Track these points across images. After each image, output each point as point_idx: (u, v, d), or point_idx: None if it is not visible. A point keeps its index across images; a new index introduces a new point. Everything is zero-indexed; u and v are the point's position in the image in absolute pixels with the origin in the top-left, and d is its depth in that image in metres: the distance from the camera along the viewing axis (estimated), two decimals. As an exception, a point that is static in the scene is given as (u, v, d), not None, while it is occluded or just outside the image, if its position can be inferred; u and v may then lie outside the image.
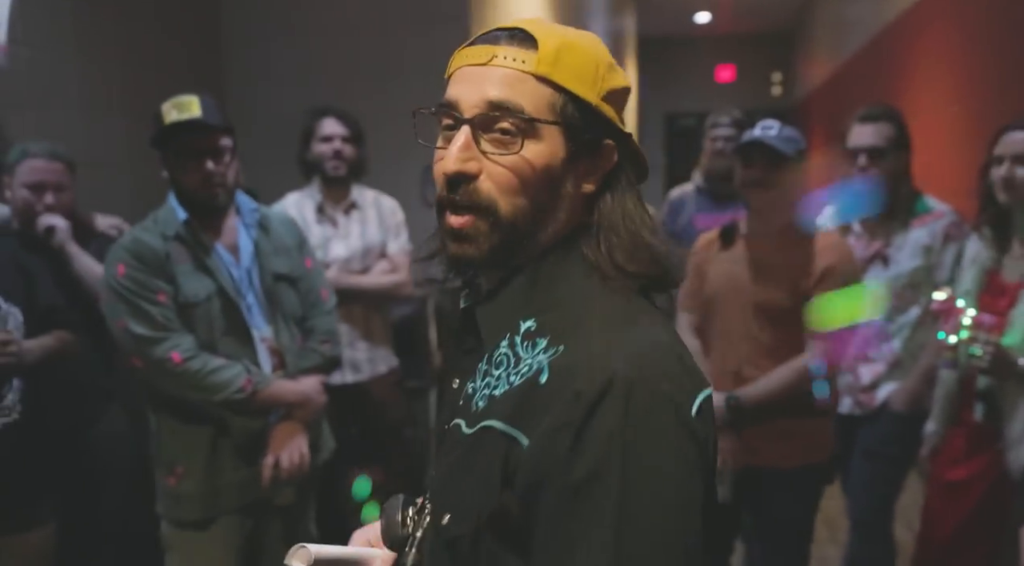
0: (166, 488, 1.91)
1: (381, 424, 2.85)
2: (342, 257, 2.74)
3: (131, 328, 1.80)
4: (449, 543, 0.78)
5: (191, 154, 1.84)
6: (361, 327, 2.77)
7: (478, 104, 0.78)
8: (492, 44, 0.80)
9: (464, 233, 0.79)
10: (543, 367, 0.75)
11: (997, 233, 2.12)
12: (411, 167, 3.66)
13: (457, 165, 0.77)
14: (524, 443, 0.74)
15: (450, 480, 0.81)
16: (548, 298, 0.81)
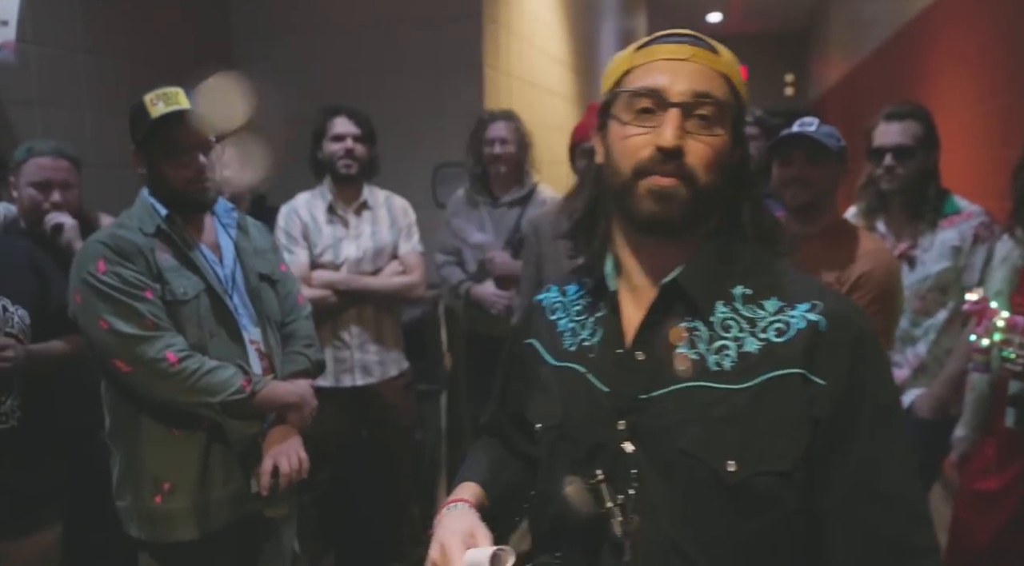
0: (148, 509, 1.75)
1: (391, 427, 2.80)
2: (353, 258, 2.70)
3: (117, 327, 1.65)
4: (733, 487, 0.87)
5: (181, 148, 1.74)
6: (372, 329, 2.72)
7: (684, 92, 0.91)
8: (688, 44, 0.95)
9: (670, 192, 0.90)
10: (817, 319, 0.89)
11: None
12: (422, 167, 3.62)
13: (674, 141, 0.89)
14: (821, 383, 0.87)
15: (721, 431, 0.88)
16: (743, 267, 0.95)
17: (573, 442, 0.98)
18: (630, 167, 0.92)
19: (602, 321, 1.01)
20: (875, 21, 6.24)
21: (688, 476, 0.89)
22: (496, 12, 3.76)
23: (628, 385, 0.94)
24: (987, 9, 3.54)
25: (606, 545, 0.92)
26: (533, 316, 1.12)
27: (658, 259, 0.96)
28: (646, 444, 0.92)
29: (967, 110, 3.69)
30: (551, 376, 1.04)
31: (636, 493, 0.91)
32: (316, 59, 3.70)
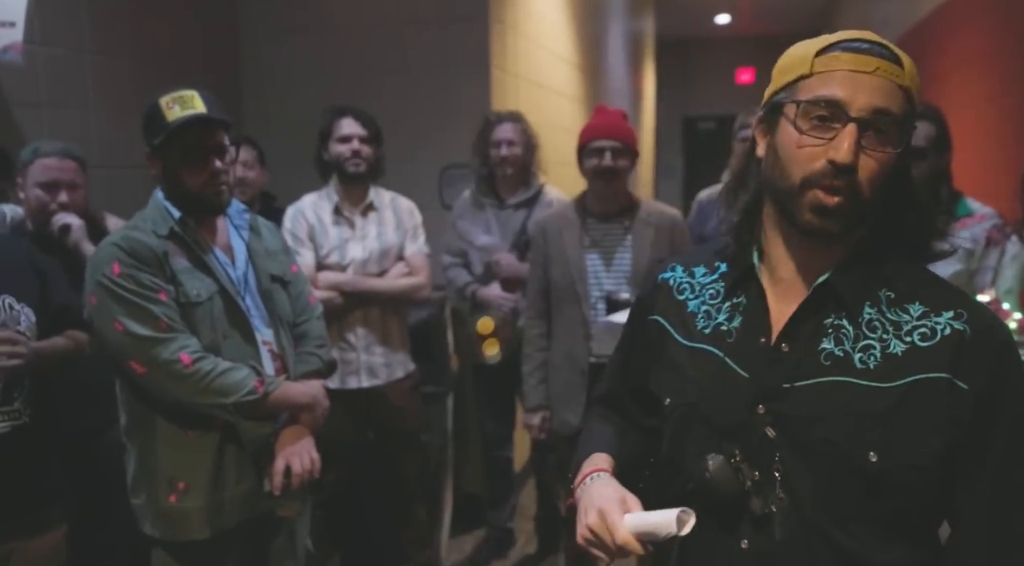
0: (162, 508, 1.78)
1: (397, 429, 2.78)
2: (359, 259, 2.69)
3: (132, 329, 1.67)
4: (871, 476, 0.93)
5: (198, 152, 1.75)
6: (378, 331, 2.71)
7: (865, 108, 0.92)
8: (874, 56, 0.94)
9: (833, 209, 0.94)
10: (963, 328, 0.94)
11: None
12: (428, 168, 3.61)
13: (850, 158, 0.91)
14: (965, 387, 0.93)
15: (866, 425, 0.94)
16: (890, 272, 0.99)
17: (707, 422, 1.03)
18: (800, 176, 0.95)
19: (741, 309, 1.05)
20: (885, 22, 6.20)
21: (829, 463, 0.95)
22: (503, 12, 3.75)
23: (771, 374, 1.00)
24: (998, 9, 3.51)
25: (746, 521, 1.00)
26: (658, 294, 1.16)
27: (809, 258, 1.01)
28: (787, 430, 0.98)
29: (978, 111, 3.66)
30: (683, 355, 1.09)
31: (780, 475, 0.98)
32: (324, 60, 3.69)
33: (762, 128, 1.03)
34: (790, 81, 0.98)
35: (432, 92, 3.60)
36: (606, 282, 2.50)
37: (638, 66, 8.62)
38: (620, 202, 2.54)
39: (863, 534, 0.96)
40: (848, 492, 0.95)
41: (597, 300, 2.48)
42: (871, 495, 0.95)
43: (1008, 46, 3.35)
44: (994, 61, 3.52)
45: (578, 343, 2.49)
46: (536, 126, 3.13)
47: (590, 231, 2.53)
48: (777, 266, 1.03)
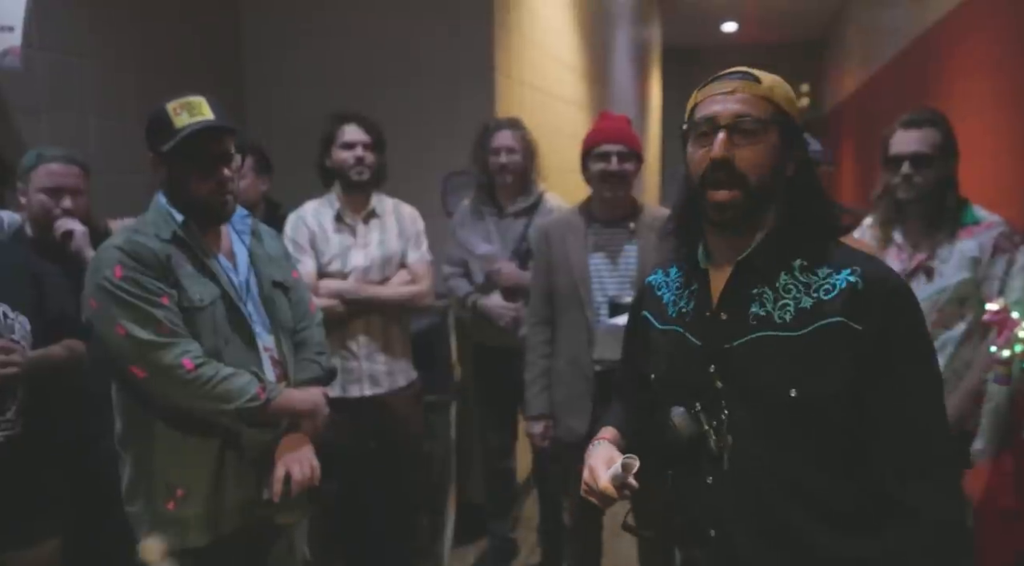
0: (160, 515, 1.76)
1: (399, 438, 2.76)
2: (361, 267, 2.67)
3: (134, 333, 1.66)
4: (794, 408, 1.16)
5: (207, 160, 1.74)
6: (380, 339, 2.69)
7: (728, 116, 1.19)
8: (735, 79, 1.22)
9: (726, 203, 1.18)
10: (855, 281, 1.16)
11: None
12: (432, 175, 3.60)
13: (721, 152, 1.17)
14: (859, 328, 1.14)
15: (785, 367, 1.17)
16: (800, 245, 1.22)
17: (676, 385, 1.29)
18: (696, 179, 1.21)
19: (695, 293, 1.30)
20: (893, 29, 6.18)
21: (761, 403, 1.19)
22: (507, 18, 3.74)
23: (715, 338, 1.24)
24: (1005, 16, 3.49)
25: (706, 459, 1.24)
26: (645, 293, 1.42)
27: (735, 244, 1.24)
28: (731, 381, 1.22)
29: (985, 118, 3.63)
30: (659, 337, 1.35)
31: (727, 418, 1.22)
32: (327, 66, 3.69)
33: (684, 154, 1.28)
34: (688, 114, 1.25)
35: (436, 98, 3.59)
36: (610, 287, 2.48)
37: (645, 74, 8.61)
38: (625, 208, 2.52)
39: (799, 461, 1.18)
40: (779, 425, 1.19)
41: (601, 305, 2.46)
42: (796, 424, 1.17)
43: (1016, 53, 3.32)
44: (1002, 68, 3.49)
45: (582, 349, 2.46)
46: (541, 133, 3.11)
47: (594, 236, 2.52)
48: (714, 254, 1.28)
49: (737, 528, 1.22)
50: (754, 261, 1.22)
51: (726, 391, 1.23)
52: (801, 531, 1.18)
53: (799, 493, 1.18)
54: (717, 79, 1.24)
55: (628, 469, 1.22)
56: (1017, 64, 3.34)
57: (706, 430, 1.24)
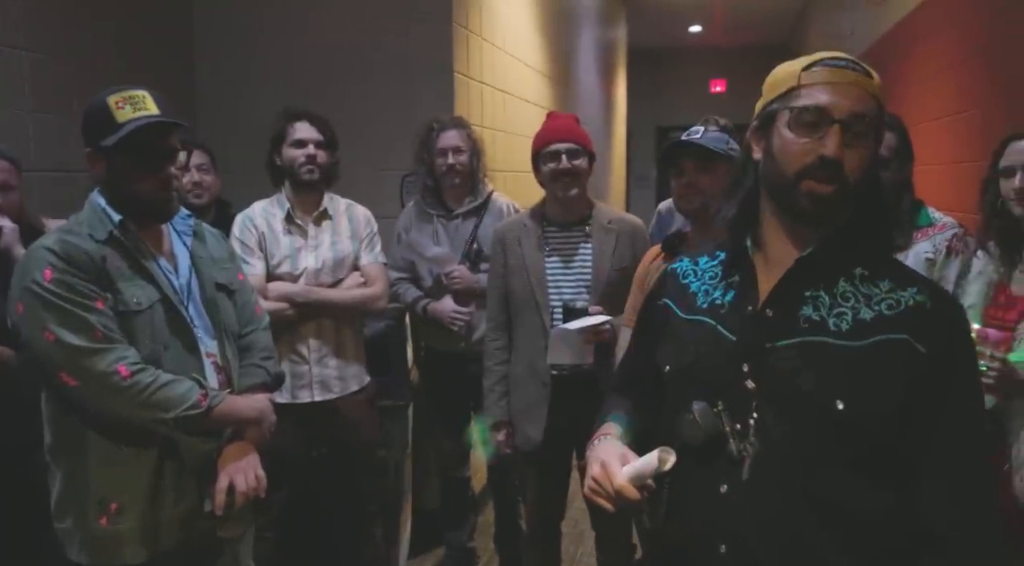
0: (92, 531, 1.67)
1: (351, 444, 2.68)
2: (312, 269, 2.59)
3: (64, 339, 1.57)
4: (838, 422, 1.07)
5: (151, 156, 1.66)
6: (331, 343, 2.62)
7: (845, 112, 1.10)
8: (849, 70, 1.13)
9: (827, 197, 1.10)
10: (924, 300, 1.11)
11: (1006, 246, 2.01)
12: (390, 176, 3.53)
13: (837, 152, 1.09)
14: (922, 350, 1.08)
15: (835, 377, 1.09)
16: (863, 253, 1.16)
17: (700, 381, 1.19)
18: (794, 170, 1.11)
19: (735, 285, 1.22)
20: (852, 35, 6.24)
21: (801, 411, 1.10)
22: (467, 17, 3.69)
23: (756, 335, 1.15)
24: (957, 23, 3.52)
25: (723, 463, 1.13)
26: (667, 281, 1.33)
27: (798, 239, 1.16)
28: (767, 383, 1.13)
29: (940, 122, 3.67)
30: (683, 326, 1.25)
31: (755, 422, 1.12)
32: (281, 63, 3.60)
33: (756, 135, 1.19)
34: (781, 93, 1.15)
35: (393, 97, 3.52)
36: (566, 290, 2.44)
37: (610, 75, 8.61)
38: (580, 209, 2.48)
39: (831, 479, 1.08)
40: (817, 438, 1.09)
41: (557, 309, 2.41)
42: (838, 440, 1.08)
43: (968, 59, 3.35)
44: (955, 73, 3.52)
45: (539, 354, 2.42)
46: (501, 134, 3.07)
47: (549, 239, 2.47)
48: (769, 248, 1.19)
49: (756, 546, 1.10)
50: (816, 261, 1.15)
51: (759, 393, 1.13)
52: (828, 555, 1.08)
53: (831, 514, 1.08)
54: (826, 64, 1.14)
55: (664, 463, 1.10)
56: (968, 70, 3.37)
57: (726, 431, 1.13)
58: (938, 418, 1.08)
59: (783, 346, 1.13)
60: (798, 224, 1.15)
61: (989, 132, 3.00)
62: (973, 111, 3.26)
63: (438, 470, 3.20)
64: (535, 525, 2.63)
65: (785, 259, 1.16)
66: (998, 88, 3.01)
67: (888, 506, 1.09)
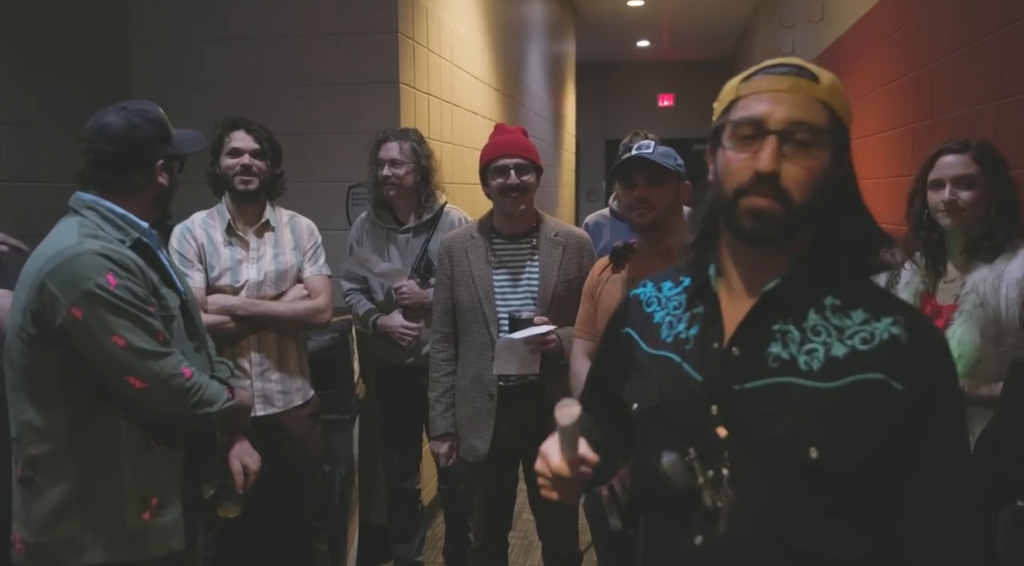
0: (133, 528, 1.72)
1: (295, 459, 2.64)
2: (253, 281, 2.55)
3: (135, 344, 1.64)
4: (811, 470, 0.99)
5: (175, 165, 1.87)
6: (274, 356, 2.57)
7: (781, 121, 1.01)
8: (789, 76, 1.04)
9: (766, 212, 1.01)
10: (899, 333, 1.01)
11: (931, 257, 2.08)
12: (335, 187, 3.50)
13: (771, 166, 1.00)
14: (900, 388, 0.99)
15: (807, 422, 1.00)
16: (835, 279, 1.06)
17: (667, 423, 1.11)
18: (732, 188, 1.04)
19: (699, 317, 1.13)
20: (793, 51, 6.40)
21: (774, 459, 1.02)
22: (413, 28, 3.68)
23: (723, 376, 1.06)
24: (888, 45, 3.64)
25: (698, 516, 1.06)
26: (630, 308, 1.25)
27: (757, 267, 1.08)
28: (737, 429, 1.05)
29: (875, 138, 3.78)
30: (647, 362, 1.17)
31: (729, 472, 1.04)
32: (221, 71, 3.54)
33: (710, 154, 1.12)
34: (724, 108, 1.09)
35: (339, 108, 3.49)
36: (514, 302, 2.44)
37: (559, 88, 8.68)
38: (527, 222, 2.49)
39: (809, 528, 1.01)
40: (793, 486, 1.01)
41: (504, 321, 2.41)
42: (814, 488, 1.00)
43: (897, 78, 3.46)
44: (888, 92, 3.64)
45: (486, 365, 2.42)
46: (449, 146, 3.06)
47: (497, 251, 2.47)
48: (730, 277, 1.11)
49: None
50: (782, 293, 1.05)
51: (730, 441, 1.05)
52: None
53: (810, 564, 1.01)
54: (767, 71, 1.06)
55: (570, 417, 1.03)
56: (898, 90, 3.49)
57: (700, 483, 1.05)
58: (918, 459, 1.00)
59: (751, 388, 1.05)
60: (750, 248, 1.07)
61: (918, 148, 3.10)
62: (905, 128, 3.37)
63: (387, 483, 3.16)
64: (482, 536, 2.61)
65: (749, 289, 1.08)
66: (925, 106, 3.12)
67: (868, 553, 1.02)
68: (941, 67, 2.95)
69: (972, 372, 1.92)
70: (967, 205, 1.96)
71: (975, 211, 1.97)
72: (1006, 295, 1.88)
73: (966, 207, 1.96)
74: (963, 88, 2.74)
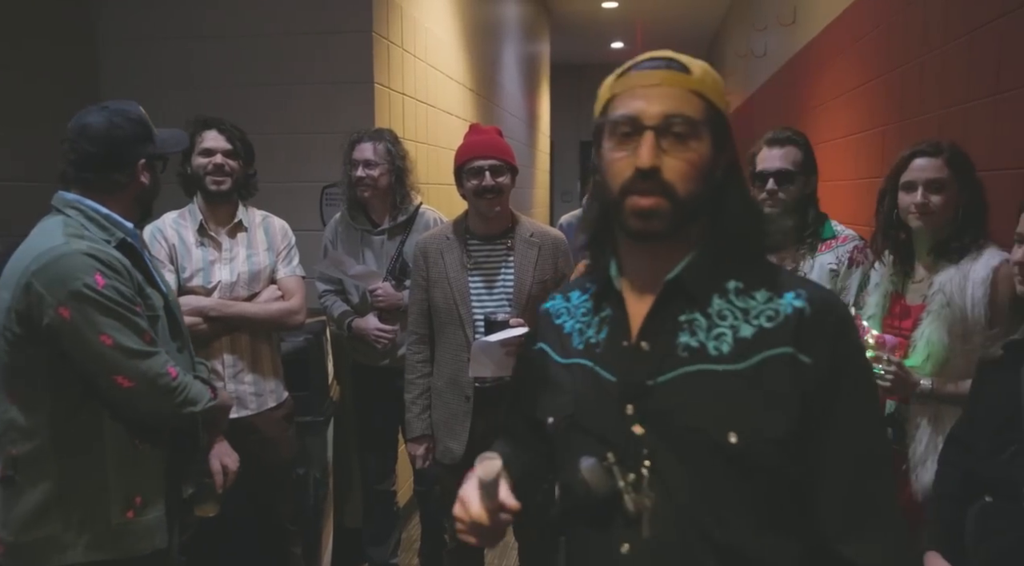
0: (117, 526, 1.73)
1: (268, 462, 2.60)
2: (226, 282, 2.52)
3: (123, 343, 1.66)
4: (734, 457, 0.97)
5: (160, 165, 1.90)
6: (247, 358, 2.54)
7: (656, 116, 1.01)
8: (661, 69, 1.04)
9: (651, 211, 1.01)
10: (803, 306, 1.01)
11: (900, 258, 2.11)
12: (309, 187, 3.48)
13: (650, 162, 0.99)
14: (807, 361, 0.98)
15: (724, 407, 0.99)
16: (735, 264, 1.06)
17: (585, 430, 1.07)
18: (616, 187, 1.03)
19: (608, 319, 1.11)
20: (766, 54, 6.47)
21: (695, 450, 0.99)
22: (388, 28, 3.67)
23: (635, 373, 1.04)
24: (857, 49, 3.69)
25: (620, 522, 1.02)
26: (541, 323, 1.23)
27: (657, 261, 1.06)
28: (655, 425, 1.02)
29: (844, 140, 3.83)
30: (561, 373, 1.14)
31: (649, 471, 1.01)
32: (192, 70, 3.49)
33: (597, 155, 1.11)
34: (602, 107, 1.08)
35: (313, 107, 3.47)
36: (489, 304, 2.44)
37: (534, 90, 8.69)
38: (502, 223, 2.49)
39: (738, 523, 0.99)
40: (716, 478, 0.99)
41: (479, 323, 2.41)
42: (738, 478, 0.98)
43: (868, 82, 3.51)
44: (857, 95, 3.69)
45: (462, 367, 2.41)
46: (424, 146, 3.05)
47: (472, 252, 2.47)
48: (633, 273, 1.10)
49: None
50: (684, 282, 1.04)
51: (648, 438, 1.02)
52: None
53: (739, 562, 0.99)
54: (638, 67, 1.05)
55: (490, 472, 1.00)
56: (867, 93, 3.54)
57: (622, 487, 1.01)
58: (830, 433, 0.99)
59: (665, 381, 1.02)
60: (642, 245, 1.06)
61: (889, 150, 3.15)
62: (875, 130, 3.42)
63: (363, 484, 3.14)
64: (458, 538, 2.60)
65: (652, 284, 1.07)
66: (895, 109, 3.16)
67: (798, 545, 1.00)
68: (911, 70, 3.00)
69: (940, 370, 1.96)
70: (937, 208, 1.99)
71: (944, 214, 2.00)
72: (972, 295, 1.92)
73: (936, 210, 1.99)
74: (932, 91, 2.78)
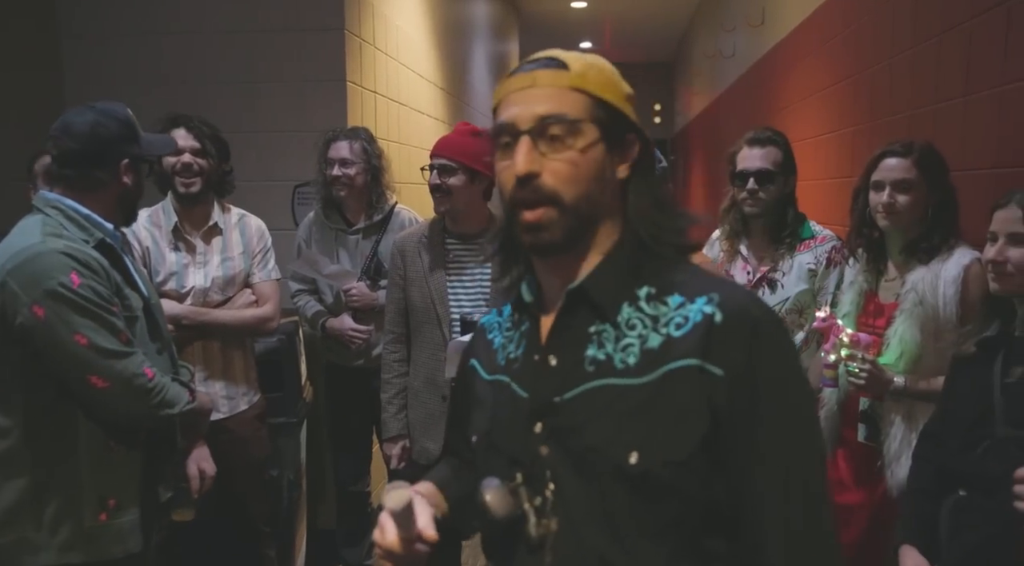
0: (91, 529, 1.71)
1: (241, 464, 2.56)
2: (200, 287, 2.46)
3: (98, 343, 1.64)
4: (634, 479, 0.89)
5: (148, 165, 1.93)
6: (218, 364, 2.49)
7: (529, 119, 0.95)
8: (533, 70, 0.98)
9: (538, 224, 0.95)
10: (712, 311, 0.91)
11: (873, 256, 2.13)
12: (280, 186, 3.43)
13: (524, 167, 0.93)
14: (719, 373, 0.89)
15: (624, 425, 0.91)
16: (645, 270, 0.97)
17: (497, 449, 1.02)
18: (507, 199, 0.98)
19: (525, 333, 1.05)
20: (734, 55, 6.53)
21: (596, 473, 0.92)
22: (359, 26, 3.63)
23: (544, 389, 0.98)
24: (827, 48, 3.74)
25: (523, 549, 0.95)
26: (475, 338, 1.17)
27: (566, 270, 0.99)
28: (559, 444, 0.95)
29: (817, 140, 3.88)
30: (486, 389, 1.09)
31: (553, 495, 0.94)
32: (161, 66, 3.42)
33: None
34: (493, 117, 1.03)
35: (284, 106, 3.42)
36: (466, 303, 2.43)
37: (504, 88, 8.69)
38: (478, 222, 2.47)
39: (648, 552, 0.90)
40: (619, 503, 0.91)
41: (456, 322, 2.40)
42: (643, 502, 0.90)
43: (839, 83, 3.56)
44: (829, 95, 3.74)
45: (439, 367, 2.40)
46: (395, 145, 3.02)
47: (449, 251, 2.46)
48: (545, 286, 1.03)
49: None
50: (588, 291, 0.97)
51: (552, 459, 0.95)
52: None
53: None
54: (514, 71, 1.00)
55: (399, 502, 0.90)
56: (838, 93, 3.59)
57: (526, 510, 0.95)
58: (755, 448, 0.89)
59: (571, 397, 0.95)
60: (539, 258, 1.00)
61: (858, 150, 3.20)
62: (845, 130, 3.47)
63: (337, 485, 3.11)
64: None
65: (559, 295, 1.00)
66: (865, 110, 3.21)
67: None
68: (880, 71, 3.05)
69: (913, 368, 1.99)
70: (904, 208, 2.01)
71: (912, 214, 2.01)
72: (944, 293, 1.95)
73: (903, 210, 2.01)
74: (902, 92, 2.83)
